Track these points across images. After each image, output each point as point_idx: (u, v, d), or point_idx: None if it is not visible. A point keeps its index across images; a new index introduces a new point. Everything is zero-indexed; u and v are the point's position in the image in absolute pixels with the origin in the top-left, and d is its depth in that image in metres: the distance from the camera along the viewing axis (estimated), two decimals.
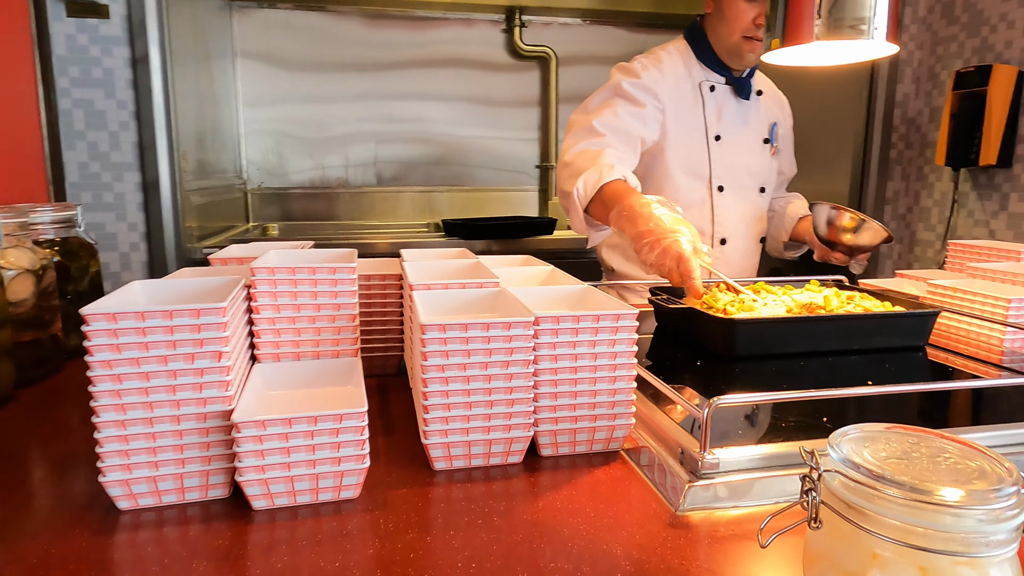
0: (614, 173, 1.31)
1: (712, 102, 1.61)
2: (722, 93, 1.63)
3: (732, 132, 1.64)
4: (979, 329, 1.18)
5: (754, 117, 1.68)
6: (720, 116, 1.62)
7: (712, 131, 1.61)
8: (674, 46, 1.65)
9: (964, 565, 0.43)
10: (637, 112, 1.52)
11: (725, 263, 1.68)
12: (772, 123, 1.71)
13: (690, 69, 1.61)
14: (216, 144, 2.71)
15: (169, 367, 0.64)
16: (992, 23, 2.40)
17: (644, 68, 1.56)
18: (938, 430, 0.51)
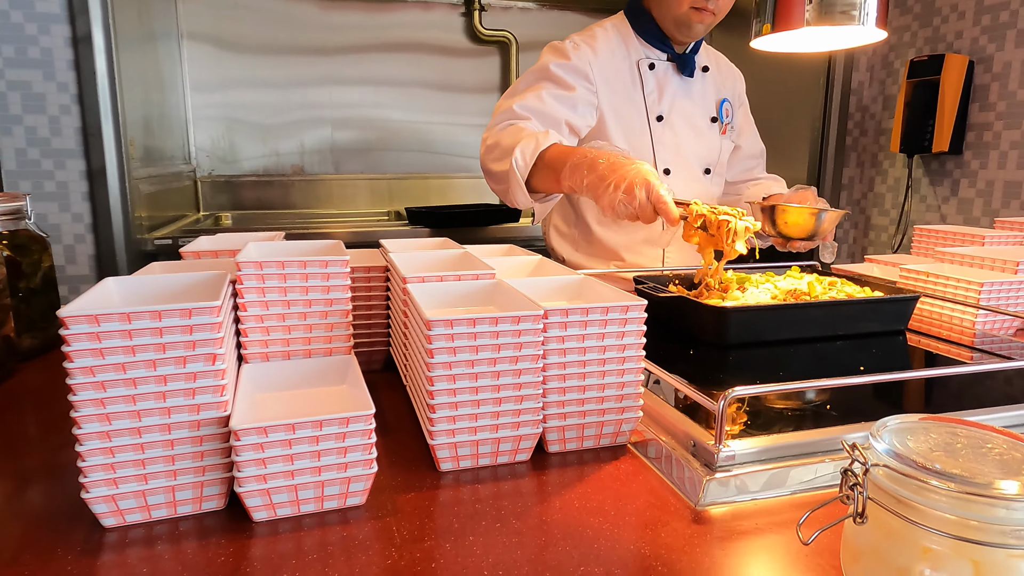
0: (550, 138, 1.25)
1: (652, 80, 1.52)
2: (663, 71, 1.54)
3: (675, 112, 1.55)
4: (952, 312, 1.22)
5: (699, 95, 1.59)
6: (661, 95, 1.54)
7: (653, 111, 1.53)
8: (611, 23, 1.56)
9: (1018, 558, 0.43)
10: (565, 96, 1.43)
11: (677, 250, 1.62)
12: (720, 100, 1.62)
13: (628, 46, 1.53)
14: (163, 130, 2.57)
15: (158, 372, 0.59)
16: (944, 13, 2.48)
17: (575, 47, 1.47)
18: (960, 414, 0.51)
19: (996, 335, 1.18)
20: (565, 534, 0.60)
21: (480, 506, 0.65)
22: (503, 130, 1.35)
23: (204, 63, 2.83)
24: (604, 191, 1.07)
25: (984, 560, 0.43)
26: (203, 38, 2.81)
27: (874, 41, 1.06)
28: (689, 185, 1.59)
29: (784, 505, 0.65)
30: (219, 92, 2.87)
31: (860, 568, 0.48)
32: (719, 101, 1.62)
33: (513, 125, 1.35)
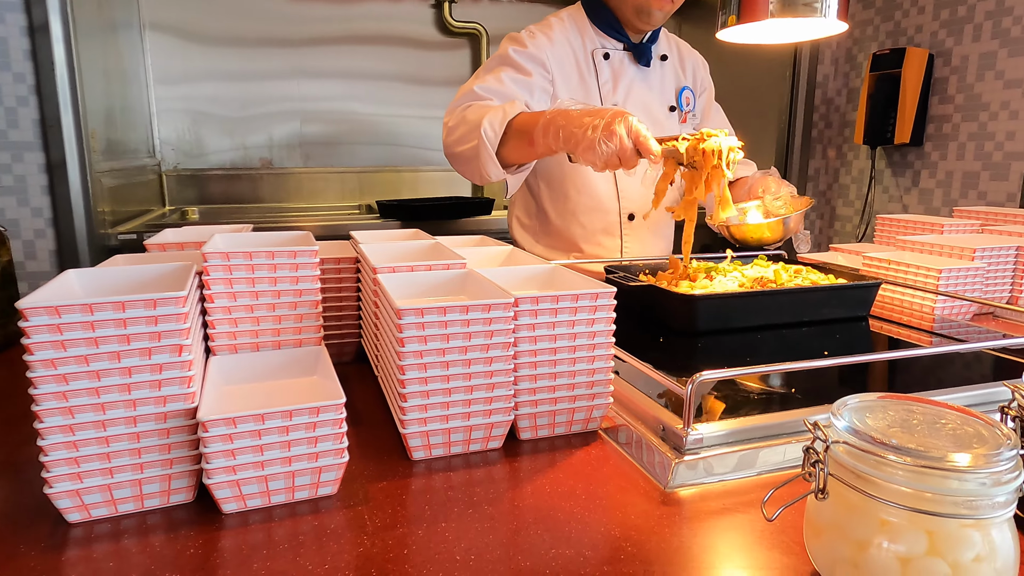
0: (516, 107, 1.23)
1: (607, 70, 1.52)
2: (618, 60, 1.53)
3: (632, 101, 1.54)
4: (912, 298, 1.25)
5: (658, 84, 1.59)
6: (616, 84, 1.53)
7: (607, 101, 1.52)
8: (567, 13, 1.55)
9: (970, 527, 0.44)
10: (523, 80, 1.42)
11: (635, 239, 1.62)
12: (680, 88, 1.62)
13: (584, 36, 1.52)
14: (125, 123, 2.51)
15: (123, 364, 0.58)
16: (904, 8, 2.53)
17: (531, 36, 1.47)
18: (920, 395, 0.53)
19: (954, 320, 1.21)
20: (537, 518, 0.60)
21: (452, 493, 0.65)
22: (465, 110, 1.34)
23: (168, 55, 2.76)
24: (582, 136, 1.03)
25: (938, 530, 0.44)
26: (166, 29, 2.75)
27: (836, 33, 1.09)
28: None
29: (751, 486, 0.67)
30: (184, 84, 2.81)
31: (822, 543, 0.50)
32: (678, 89, 1.62)
33: (474, 105, 1.34)
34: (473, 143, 1.26)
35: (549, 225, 1.62)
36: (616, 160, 1.03)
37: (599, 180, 1.56)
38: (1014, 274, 1.32)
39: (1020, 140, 2.22)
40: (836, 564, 0.49)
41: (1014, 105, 2.23)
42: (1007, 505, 0.45)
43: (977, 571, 0.44)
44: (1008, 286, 1.32)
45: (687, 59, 1.67)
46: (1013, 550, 0.45)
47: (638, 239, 1.63)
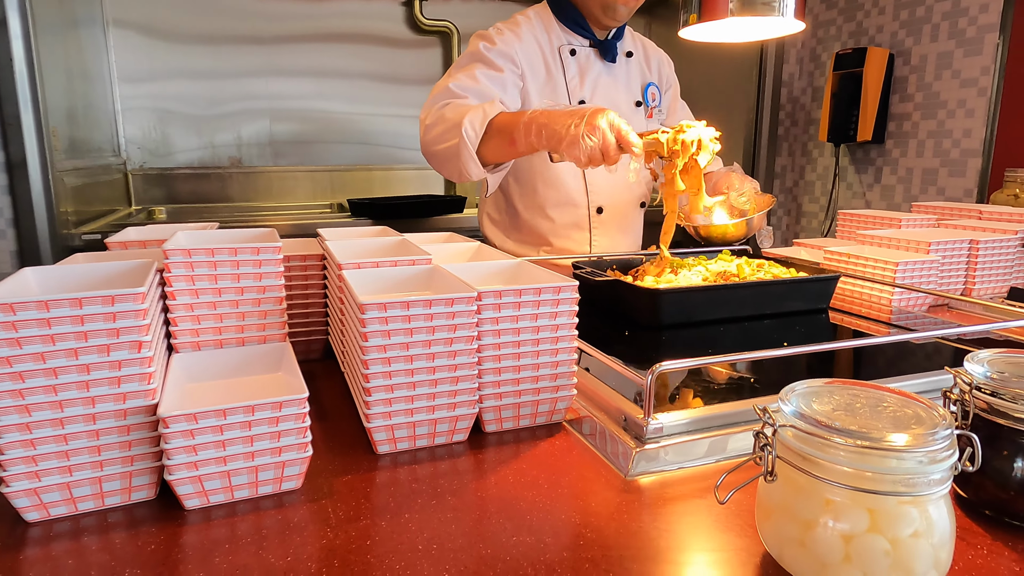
0: (496, 107, 1.26)
1: (573, 66, 1.54)
2: (585, 56, 1.56)
3: (598, 97, 1.57)
4: (871, 291, 1.29)
5: (623, 80, 1.62)
6: (583, 80, 1.55)
7: (575, 96, 1.54)
8: (534, 10, 1.58)
9: (908, 504, 0.46)
10: (496, 76, 1.44)
11: (604, 232, 1.65)
12: (646, 84, 1.65)
13: (550, 33, 1.55)
14: (89, 121, 2.47)
15: (80, 361, 0.57)
16: (866, 8, 2.59)
17: (499, 33, 1.49)
18: (876, 382, 0.55)
19: (911, 311, 1.25)
20: (499, 508, 0.61)
21: (417, 485, 0.66)
22: (443, 108, 1.34)
23: (132, 52, 2.72)
24: (566, 133, 1.06)
25: (879, 508, 0.46)
26: (130, 26, 2.70)
27: (794, 32, 1.11)
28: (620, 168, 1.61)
29: (709, 472, 0.69)
30: (149, 82, 2.76)
31: (771, 524, 0.52)
32: (644, 85, 1.65)
33: (452, 103, 1.35)
34: (453, 142, 1.26)
35: (519, 220, 1.64)
36: (599, 155, 1.05)
37: (568, 175, 1.58)
38: (967, 267, 1.37)
39: (976, 138, 2.28)
40: (784, 544, 0.50)
41: (970, 103, 2.30)
42: (943, 482, 0.47)
43: (915, 546, 0.46)
44: (962, 278, 1.37)
45: (652, 56, 1.70)
46: (949, 525, 0.47)
47: (606, 233, 1.65)
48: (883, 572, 0.46)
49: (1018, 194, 1.91)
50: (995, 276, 1.38)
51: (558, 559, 0.54)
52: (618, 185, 1.64)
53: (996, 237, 1.37)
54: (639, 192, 1.72)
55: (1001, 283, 1.39)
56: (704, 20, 1.00)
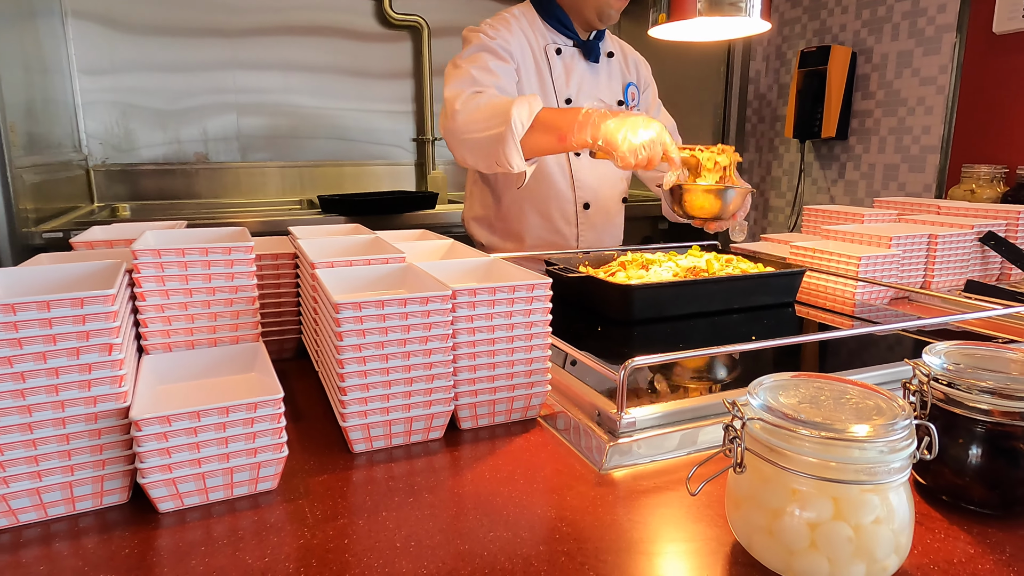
0: (539, 102, 1.29)
1: (559, 65, 1.58)
2: (569, 56, 1.59)
3: (583, 95, 1.60)
4: (835, 285, 1.32)
5: (606, 79, 1.65)
6: (569, 79, 1.59)
7: (561, 95, 1.58)
8: (519, 9, 1.60)
9: (870, 492, 0.48)
10: (505, 67, 1.47)
11: (590, 227, 1.68)
12: (626, 84, 1.70)
13: (535, 32, 1.58)
14: (48, 116, 2.40)
15: (49, 364, 0.57)
16: (829, 7, 2.65)
17: (495, 28, 1.51)
18: (841, 374, 0.57)
19: (873, 304, 1.29)
20: (476, 504, 0.62)
21: (393, 483, 0.66)
22: (475, 96, 1.34)
23: (93, 44, 2.65)
24: (623, 141, 1.15)
25: (842, 496, 0.48)
26: (90, 17, 2.63)
27: (761, 32, 1.14)
28: (601, 166, 1.64)
29: (682, 465, 0.70)
30: (111, 75, 2.69)
31: (741, 514, 0.53)
32: (625, 85, 1.69)
33: (485, 92, 1.36)
34: (497, 131, 1.27)
35: (505, 216, 1.66)
36: (644, 163, 1.16)
37: (555, 169, 1.61)
38: (926, 260, 1.41)
39: (935, 134, 2.35)
40: (753, 533, 0.52)
41: (929, 101, 2.36)
42: (902, 470, 0.49)
43: (876, 532, 0.48)
44: (921, 272, 1.41)
45: (630, 57, 1.74)
46: (908, 511, 0.50)
47: (592, 228, 1.69)
48: (847, 557, 0.48)
49: (975, 189, 1.97)
50: (953, 269, 1.43)
51: (534, 552, 0.55)
52: (604, 181, 1.68)
53: (953, 232, 1.42)
54: (621, 188, 1.76)
55: (958, 276, 1.43)
56: (673, 20, 1.01)
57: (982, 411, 0.58)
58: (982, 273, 1.48)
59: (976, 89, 2.23)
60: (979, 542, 0.56)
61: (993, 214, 1.54)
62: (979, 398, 0.58)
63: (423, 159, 3.20)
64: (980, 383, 0.58)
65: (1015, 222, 1.49)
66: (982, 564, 0.53)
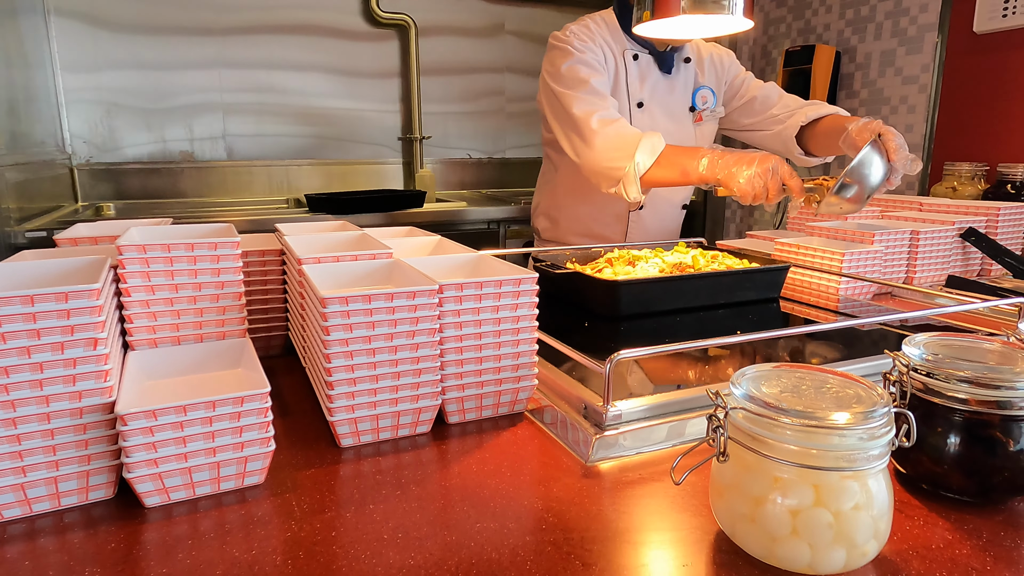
0: (662, 142, 1.42)
1: (635, 70, 1.66)
2: (646, 63, 1.68)
3: (655, 100, 1.69)
4: (819, 280, 1.33)
5: (680, 86, 1.73)
6: (643, 84, 1.67)
7: (634, 98, 1.67)
8: (601, 16, 1.68)
9: (850, 479, 0.49)
10: (604, 81, 1.57)
11: (640, 227, 1.78)
12: (696, 89, 1.75)
13: (615, 38, 1.65)
14: (31, 114, 2.37)
15: (33, 359, 0.56)
16: (814, 7, 2.67)
17: (580, 40, 1.59)
18: (825, 366, 0.58)
19: (856, 299, 1.31)
20: (463, 496, 0.63)
21: (381, 477, 0.66)
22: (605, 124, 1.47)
23: (76, 42, 2.62)
24: (741, 172, 1.25)
25: (822, 483, 0.49)
26: (72, 14, 2.60)
27: (743, 30, 1.15)
28: None
29: (667, 456, 0.71)
30: (95, 73, 2.67)
31: (724, 502, 0.54)
32: (694, 90, 1.74)
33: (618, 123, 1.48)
34: (622, 166, 1.43)
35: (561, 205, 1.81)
36: (765, 192, 1.25)
37: None
38: (909, 256, 1.43)
39: (917, 132, 2.38)
40: (736, 520, 0.53)
41: (911, 100, 2.39)
42: (881, 457, 0.50)
43: (856, 518, 0.49)
44: (904, 267, 1.43)
45: (705, 57, 1.77)
46: (887, 497, 0.51)
47: (643, 229, 1.78)
48: (827, 543, 0.49)
49: (956, 186, 2.00)
50: (934, 265, 1.44)
51: (521, 543, 0.55)
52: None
53: (935, 228, 1.44)
54: (683, 194, 1.84)
55: (940, 271, 1.45)
56: (657, 17, 1.02)
57: (960, 400, 0.59)
58: (963, 269, 1.50)
59: (957, 88, 2.26)
60: (957, 528, 0.57)
61: (974, 211, 1.56)
62: (957, 387, 0.59)
63: (410, 158, 3.20)
64: (958, 373, 0.59)
65: (995, 218, 1.52)
66: (960, 549, 0.54)
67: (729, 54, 1.83)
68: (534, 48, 3.37)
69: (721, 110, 1.80)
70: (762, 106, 1.75)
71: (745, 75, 1.81)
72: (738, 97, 1.78)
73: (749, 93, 1.77)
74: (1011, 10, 2.07)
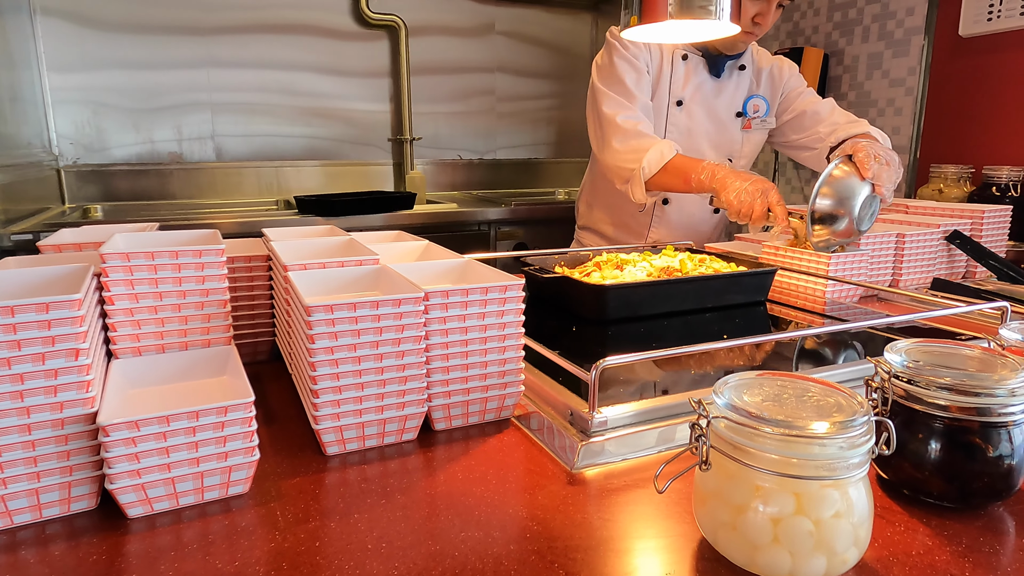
0: (672, 150, 1.53)
1: (681, 69, 1.68)
2: (694, 64, 1.69)
3: (698, 100, 1.71)
4: (806, 284, 1.34)
5: (730, 91, 1.74)
6: (686, 83, 1.69)
7: (674, 96, 1.69)
8: None
9: (830, 487, 0.49)
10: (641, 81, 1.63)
11: (664, 223, 1.80)
12: (749, 96, 1.76)
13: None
14: (16, 114, 2.35)
15: (13, 371, 0.56)
16: (802, 9, 2.69)
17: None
18: (796, 372, 0.58)
19: (843, 302, 1.31)
20: (448, 504, 0.63)
21: (366, 485, 0.66)
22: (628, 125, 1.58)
23: (62, 41, 2.60)
24: (734, 185, 1.36)
25: (803, 492, 0.49)
26: (59, 13, 2.58)
27: (730, 34, 1.16)
28: None
29: (652, 463, 0.71)
30: (81, 73, 2.65)
31: (706, 510, 0.54)
32: (747, 97, 1.75)
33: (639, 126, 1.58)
34: (630, 166, 1.56)
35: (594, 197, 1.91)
36: (749, 210, 1.34)
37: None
38: (895, 259, 1.44)
39: (904, 135, 2.40)
40: (718, 528, 0.53)
41: (898, 102, 2.41)
42: (861, 466, 0.50)
43: (836, 526, 0.49)
44: (890, 270, 1.44)
45: (764, 68, 1.78)
46: (867, 505, 0.51)
47: (667, 225, 1.81)
48: (808, 551, 0.49)
49: (942, 189, 2.01)
50: (920, 267, 1.46)
51: (505, 552, 0.55)
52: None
53: (921, 231, 1.45)
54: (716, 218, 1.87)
55: (925, 274, 1.47)
56: (644, 22, 1.02)
57: (940, 407, 0.59)
58: (948, 271, 1.52)
59: (943, 90, 2.28)
60: (937, 534, 0.58)
61: (959, 213, 1.57)
62: (937, 394, 0.59)
63: (401, 159, 3.20)
64: (938, 380, 0.60)
65: (979, 221, 1.53)
66: (939, 555, 0.55)
67: (792, 67, 1.83)
68: (524, 48, 3.37)
69: (772, 121, 1.80)
70: (811, 121, 1.74)
71: (804, 89, 1.80)
72: (790, 111, 1.78)
73: (801, 107, 1.77)
74: (996, 14, 2.09)
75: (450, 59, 3.25)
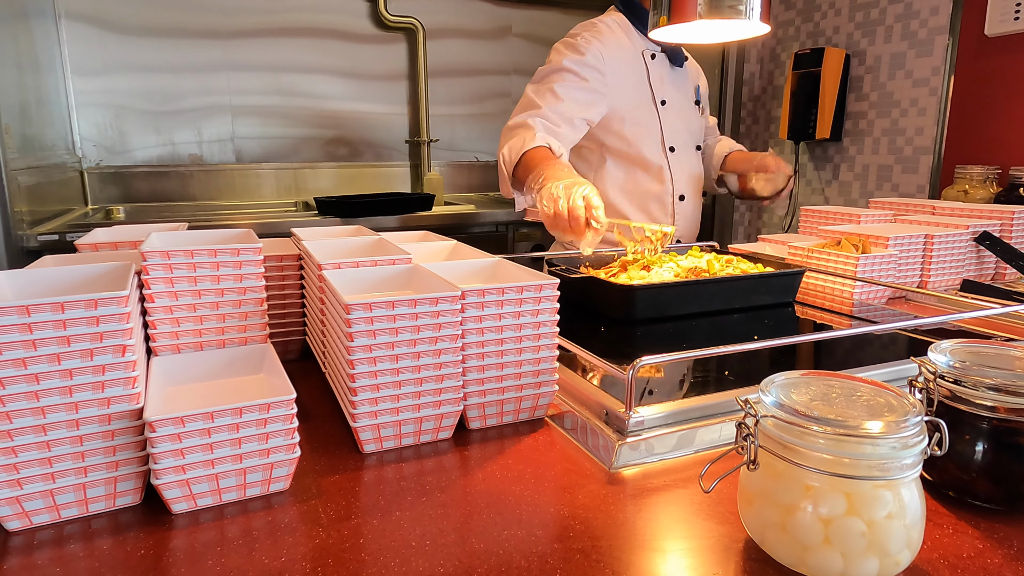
0: (536, 142, 1.41)
1: (655, 69, 1.69)
2: (660, 60, 1.71)
3: (673, 96, 1.73)
4: (833, 284, 1.33)
5: (686, 82, 1.79)
6: (662, 82, 1.71)
7: (658, 96, 1.70)
8: (611, 18, 1.70)
9: (883, 488, 0.49)
10: (581, 86, 1.57)
11: (683, 218, 1.81)
12: (696, 86, 1.82)
13: (630, 38, 1.68)
14: (42, 117, 2.39)
15: (63, 366, 0.57)
16: (823, 9, 2.67)
17: (587, 43, 1.59)
18: (841, 372, 0.58)
19: (871, 304, 1.30)
20: (488, 503, 0.63)
21: (405, 483, 0.66)
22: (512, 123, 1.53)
23: (86, 45, 2.63)
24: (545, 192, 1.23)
25: (855, 492, 0.49)
26: (83, 18, 2.62)
27: (760, 34, 1.15)
28: (689, 160, 1.79)
29: (690, 463, 0.71)
30: (104, 77, 2.68)
31: (753, 510, 0.54)
32: (696, 87, 1.81)
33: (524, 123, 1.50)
34: (497, 160, 1.50)
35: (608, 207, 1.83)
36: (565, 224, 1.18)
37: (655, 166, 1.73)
38: (923, 260, 1.43)
39: (928, 135, 2.37)
40: (766, 529, 0.53)
41: (922, 103, 2.38)
42: (914, 466, 0.49)
43: (889, 527, 0.49)
44: (918, 271, 1.43)
45: (693, 62, 1.86)
46: (920, 507, 0.50)
47: (685, 219, 1.82)
48: (860, 552, 0.49)
49: (968, 190, 1.99)
50: (949, 269, 1.44)
51: (549, 550, 0.55)
52: (692, 175, 1.81)
53: (949, 232, 1.43)
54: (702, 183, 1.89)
55: (954, 275, 1.45)
56: (674, 22, 1.02)
57: (987, 408, 0.59)
58: (977, 273, 1.50)
59: (968, 90, 2.25)
60: (987, 537, 0.57)
61: (987, 214, 1.55)
62: (984, 395, 0.59)
63: (418, 160, 3.21)
64: (985, 380, 0.59)
65: (1009, 222, 1.51)
66: (991, 558, 0.54)
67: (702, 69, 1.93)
68: (541, 50, 3.37)
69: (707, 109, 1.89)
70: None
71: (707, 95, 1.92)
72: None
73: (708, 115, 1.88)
74: (1023, 13, 2.07)
75: (467, 61, 3.26)
